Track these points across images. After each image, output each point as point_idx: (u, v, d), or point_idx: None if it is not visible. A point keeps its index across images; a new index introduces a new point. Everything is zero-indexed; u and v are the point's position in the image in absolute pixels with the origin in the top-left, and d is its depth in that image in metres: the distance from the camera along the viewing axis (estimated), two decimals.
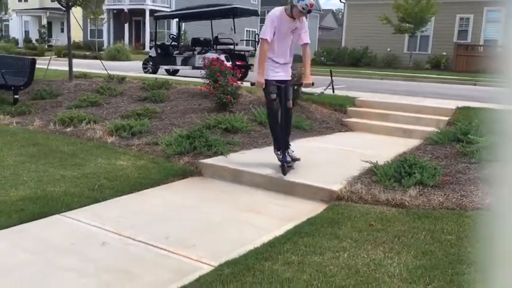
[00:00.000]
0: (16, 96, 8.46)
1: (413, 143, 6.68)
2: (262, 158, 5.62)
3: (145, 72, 15.46)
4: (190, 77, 12.83)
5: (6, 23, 45.58)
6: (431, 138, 6.49)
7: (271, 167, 5.08)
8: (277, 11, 4.93)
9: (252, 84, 5.11)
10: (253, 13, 16.56)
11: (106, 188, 4.54)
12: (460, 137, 6.09)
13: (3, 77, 8.28)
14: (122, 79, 10.61)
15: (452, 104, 8.45)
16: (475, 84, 16.73)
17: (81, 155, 5.64)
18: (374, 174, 4.82)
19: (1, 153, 5.55)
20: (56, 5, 11.67)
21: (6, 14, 41.22)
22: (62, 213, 3.94)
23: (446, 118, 7.60)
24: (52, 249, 3.31)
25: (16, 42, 39.35)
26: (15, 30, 44.28)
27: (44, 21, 41.52)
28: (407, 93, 11.13)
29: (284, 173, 4.85)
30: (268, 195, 4.72)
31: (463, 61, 24.01)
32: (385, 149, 6.27)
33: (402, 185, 4.50)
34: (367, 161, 5.22)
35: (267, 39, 4.87)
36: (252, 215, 4.19)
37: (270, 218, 4.13)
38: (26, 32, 43.87)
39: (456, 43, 25.23)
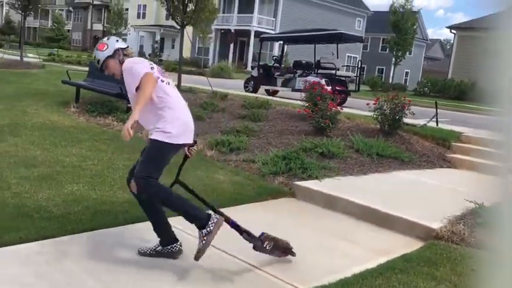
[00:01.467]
0: (129, 105, 9.09)
1: None
2: (357, 186, 5.51)
3: (246, 91, 15.93)
4: (289, 98, 12.99)
5: (125, 37, 49.48)
6: None
7: (367, 196, 4.95)
8: None
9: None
10: (359, 39, 16.49)
11: None
12: None
13: (121, 87, 8.96)
14: (224, 96, 11.01)
15: None
16: None
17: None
18: (479, 216, 4.51)
19: (113, 157, 5.99)
20: (170, 22, 12.53)
21: (125, 29, 44.91)
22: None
23: None
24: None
25: None
26: (132, 44, 47.90)
27: (158, 37, 44.58)
28: None
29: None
30: (361, 224, 4.60)
31: None
32: None
33: None
34: (471, 201, 4.91)
35: None
36: (344, 243, 4.11)
37: (362, 248, 4.02)
38: (141, 46, 47.31)
39: None
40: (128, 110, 9.02)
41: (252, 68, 21.29)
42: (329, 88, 10.68)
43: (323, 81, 12.43)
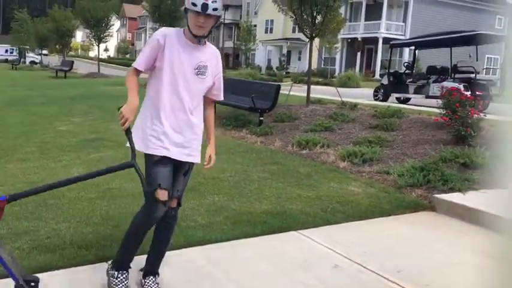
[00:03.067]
0: (261, 118, 9.44)
1: None
2: (505, 199, 5.02)
3: (375, 100, 15.54)
4: (423, 106, 12.38)
5: (253, 52, 51.63)
6: None
7: None
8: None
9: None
10: (502, 40, 15.13)
11: (338, 212, 4.69)
12: None
13: (253, 101, 9.34)
14: (354, 106, 10.86)
15: None
16: None
17: (315, 176, 5.95)
18: None
19: (248, 169, 6.24)
20: (296, 35, 12.71)
21: (254, 44, 46.78)
22: (298, 231, 4.20)
23: None
24: (288, 262, 3.56)
25: (260, 69, 44.15)
26: (260, 58, 49.77)
27: (284, 50, 45.62)
28: None
29: None
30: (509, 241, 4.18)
31: None
32: None
33: None
34: None
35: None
36: (490, 261, 3.76)
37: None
38: (269, 60, 48.82)
39: None
40: (261, 123, 9.35)
41: (381, 75, 20.72)
42: (468, 93, 9.98)
43: (461, 87, 11.63)
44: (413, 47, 19.52)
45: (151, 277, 3.02)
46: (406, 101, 15.60)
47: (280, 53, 47.22)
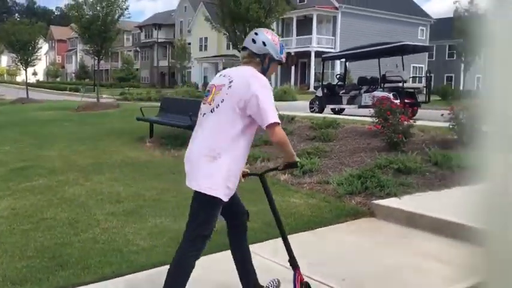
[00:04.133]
0: None
1: None
2: (441, 201, 5.28)
3: (311, 112, 15.90)
4: (357, 115, 12.81)
5: (189, 69, 51.49)
6: None
7: (452, 211, 4.73)
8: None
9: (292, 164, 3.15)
10: (426, 50, 15.99)
11: None
12: None
13: (191, 118, 9.27)
14: (291, 119, 11.05)
15: None
16: None
17: (257, 191, 5.95)
18: None
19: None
20: (231, 51, 12.84)
21: (189, 62, 46.63)
22: None
23: None
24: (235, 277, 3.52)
25: (196, 86, 44.02)
26: (196, 76, 49.69)
27: (220, 67, 45.77)
28: None
29: None
30: (450, 242, 4.38)
31: None
32: None
33: None
34: None
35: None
36: (431, 262, 3.93)
37: (452, 267, 3.82)
38: (205, 77, 48.84)
39: None
40: None
41: (316, 88, 21.25)
42: (398, 101, 10.44)
43: (391, 95, 12.15)
44: (343, 59, 20.24)
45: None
46: (340, 111, 16.08)
47: (216, 70, 47.31)
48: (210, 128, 2.83)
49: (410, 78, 21.79)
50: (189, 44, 52.29)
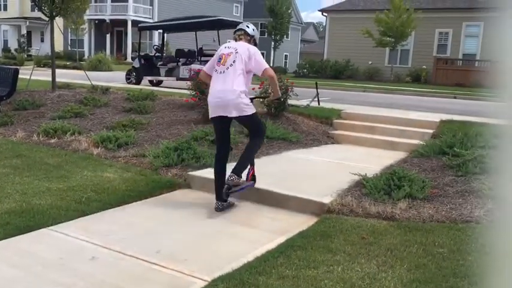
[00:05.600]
0: None
1: (399, 155, 6.74)
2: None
3: (128, 83, 15.35)
4: (174, 88, 12.78)
5: None
6: (417, 151, 6.56)
7: (261, 179, 5.05)
8: None
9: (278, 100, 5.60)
10: (239, 25, 16.63)
11: (93, 201, 4.46)
12: (446, 149, 6.16)
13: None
14: (105, 90, 10.50)
15: (436, 117, 8.56)
16: (455, 97, 17.05)
17: (66, 167, 5.54)
18: (363, 186, 4.84)
19: None
20: (36, 14, 11.48)
21: None
22: (49, 227, 3.85)
23: (431, 131, 7.70)
24: (40, 264, 3.22)
25: None
26: None
27: (24, 31, 40.98)
28: (390, 106, 11.26)
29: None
30: (258, 208, 4.69)
31: (443, 74, 24.48)
32: (373, 161, 6.32)
33: (392, 198, 4.53)
34: (356, 174, 5.24)
35: None
36: (243, 228, 4.16)
37: (262, 231, 4.10)
38: (5, 42, 43.28)
39: (436, 57, 25.72)
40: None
41: (133, 58, 20.54)
42: None
43: None
44: (161, 30, 19.89)
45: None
46: (158, 83, 15.86)
47: (19, 34, 42.18)
48: (229, 78, 4.37)
49: None
50: None
